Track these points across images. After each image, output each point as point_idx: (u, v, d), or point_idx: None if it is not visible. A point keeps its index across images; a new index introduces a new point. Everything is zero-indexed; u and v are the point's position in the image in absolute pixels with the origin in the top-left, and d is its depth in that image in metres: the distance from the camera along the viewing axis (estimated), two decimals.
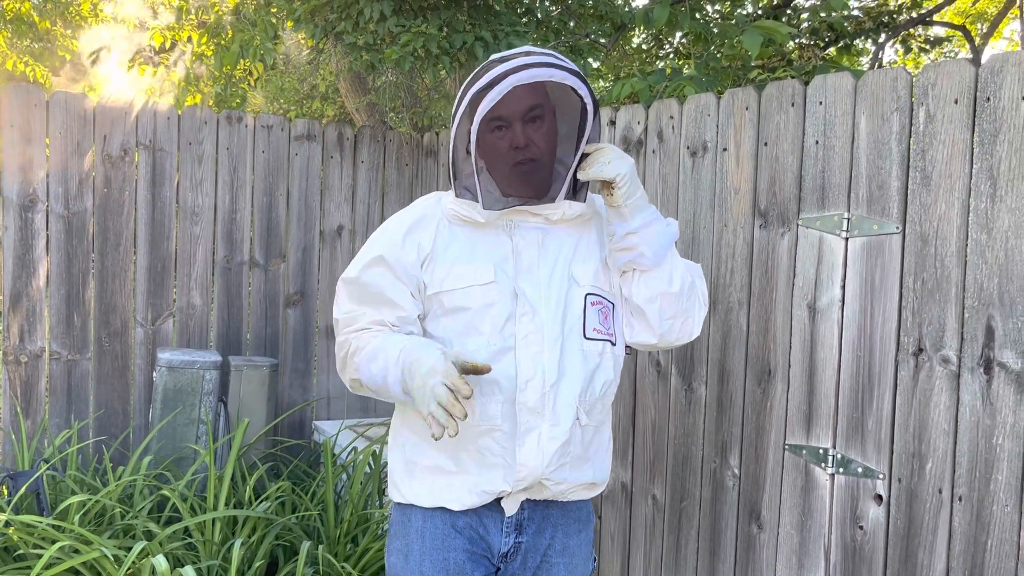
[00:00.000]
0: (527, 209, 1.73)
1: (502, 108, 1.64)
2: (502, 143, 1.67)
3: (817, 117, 2.09)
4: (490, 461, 1.69)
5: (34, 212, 3.38)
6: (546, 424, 1.68)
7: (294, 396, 3.88)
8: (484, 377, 1.65)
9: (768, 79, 4.20)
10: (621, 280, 1.79)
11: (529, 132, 1.67)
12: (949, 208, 1.83)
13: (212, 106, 6.77)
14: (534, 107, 1.66)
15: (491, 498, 1.71)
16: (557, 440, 1.68)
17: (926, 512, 1.87)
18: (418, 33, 3.61)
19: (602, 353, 1.75)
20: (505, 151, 1.67)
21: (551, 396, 1.68)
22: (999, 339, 1.74)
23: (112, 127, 3.51)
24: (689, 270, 1.80)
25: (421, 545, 1.74)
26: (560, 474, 1.70)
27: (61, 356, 3.45)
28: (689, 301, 1.78)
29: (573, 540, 1.82)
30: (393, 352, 1.63)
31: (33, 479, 2.87)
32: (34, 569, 2.30)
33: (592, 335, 1.73)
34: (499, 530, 1.75)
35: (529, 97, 1.65)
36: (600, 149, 1.71)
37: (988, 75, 1.76)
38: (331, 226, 3.95)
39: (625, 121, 2.65)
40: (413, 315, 1.74)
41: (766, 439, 2.22)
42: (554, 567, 1.79)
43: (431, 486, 1.73)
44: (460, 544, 1.73)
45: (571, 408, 1.69)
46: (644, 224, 1.72)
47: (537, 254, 1.74)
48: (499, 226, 1.75)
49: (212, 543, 2.77)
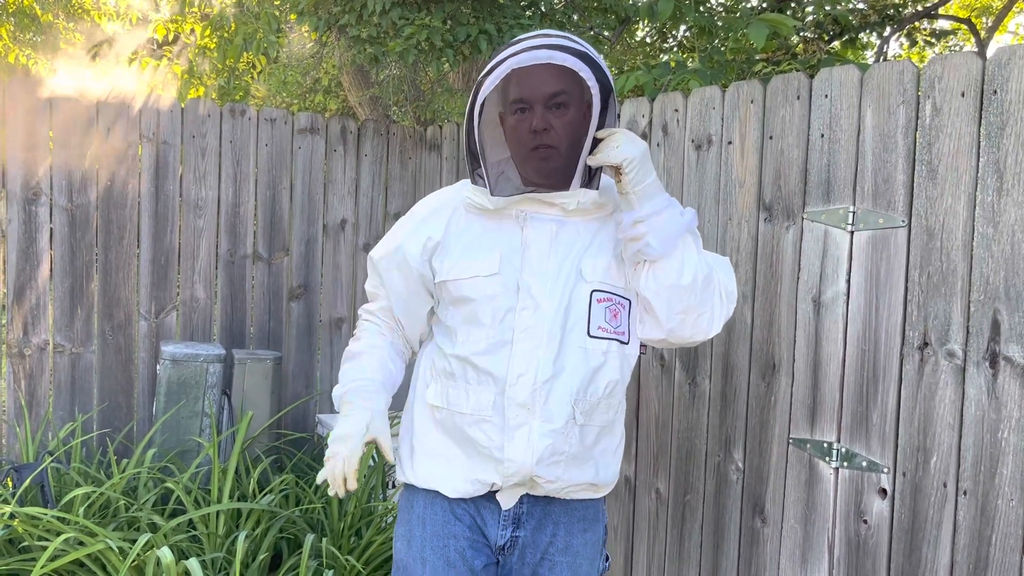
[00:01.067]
0: (539, 198, 1.69)
1: (525, 90, 1.62)
2: (523, 125, 1.64)
3: (823, 110, 2.08)
4: (481, 452, 1.70)
5: (37, 205, 3.39)
6: (537, 421, 1.66)
7: (298, 389, 3.89)
8: (479, 367, 1.69)
9: (773, 72, 4.19)
10: (633, 272, 1.72)
11: (550, 117, 1.62)
12: (955, 202, 1.82)
13: (215, 99, 6.76)
14: (558, 93, 1.61)
15: (485, 489, 1.71)
16: (548, 437, 1.66)
17: (931, 506, 1.87)
18: (422, 26, 3.61)
19: (607, 352, 1.70)
20: (524, 134, 1.64)
21: (543, 393, 1.66)
22: (1005, 333, 1.74)
23: (115, 120, 3.51)
24: (709, 263, 1.70)
25: (422, 532, 1.76)
26: (552, 472, 1.68)
27: (65, 349, 3.46)
28: (704, 295, 1.68)
29: (577, 539, 1.77)
30: (350, 378, 1.79)
31: (38, 471, 2.88)
32: (39, 561, 2.31)
33: (596, 333, 1.69)
34: (496, 523, 1.74)
35: (553, 82, 1.61)
36: (612, 134, 1.65)
37: (995, 68, 1.75)
38: (334, 219, 3.94)
39: (630, 114, 2.65)
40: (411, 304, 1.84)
41: (770, 433, 2.22)
42: (556, 566, 1.76)
43: (428, 470, 1.76)
44: (460, 531, 1.74)
45: (566, 407, 1.67)
46: (653, 212, 1.64)
47: (548, 247, 1.70)
48: (512, 217, 1.72)
49: (216, 536, 2.78)
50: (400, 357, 1.88)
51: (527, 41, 1.63)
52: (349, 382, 1.77)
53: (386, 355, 1.83)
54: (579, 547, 1.78)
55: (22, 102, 3.34)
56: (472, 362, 1.70)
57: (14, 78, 3.37)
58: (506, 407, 1.67)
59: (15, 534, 2.68)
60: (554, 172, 1.67)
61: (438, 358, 1.78)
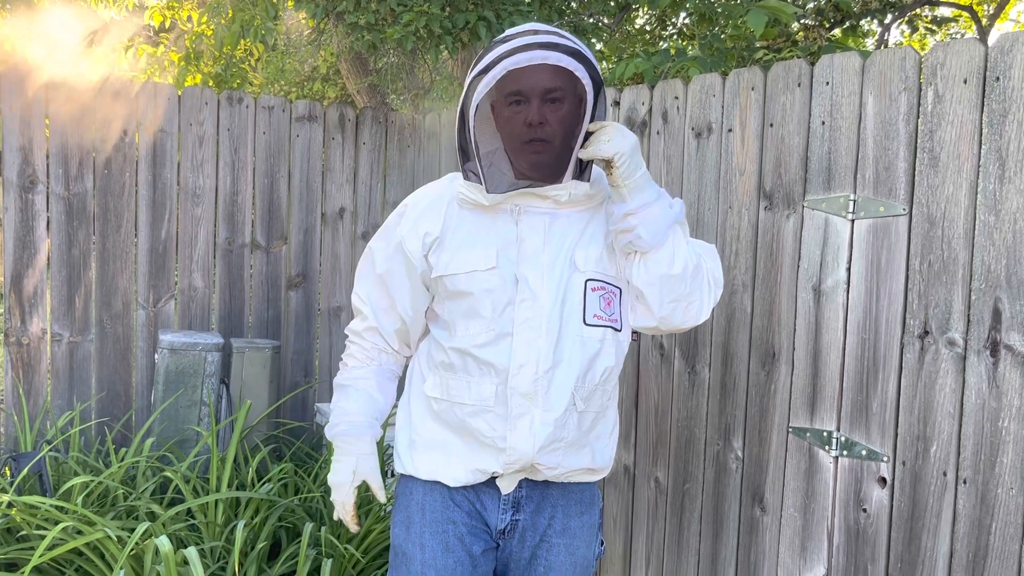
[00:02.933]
0: (533, 192, 1.71)
1: (522, 84, 1.63)
2: (518, 118, 1.65)
3: (824, 97, 2.06)
4: (483, 441, 1.73)
5: (34, 193, 3.37)
6: (539, 410, 1.69)
7: (296, 378, 3.88)
8: (480, 358, 1.71)
9: (774, 59, 4.16)
10: (625, 263, 1.75)
11: (546, 111, 1.64)
12: (957, 189, 1.81)
13: (212, 87, 6.73)
14: (555, 89, 1.63)
15: (485, 477, 1.75)
16: (550, 426, 1.69)
17: (930, 495, 1.87)
18: (420, 13, 3.58)
19: (603, 339, 1.73)
20: (519, 127, 1.65)
21: (544, 382, 1.69)
22: (1006, 321, 1.73)
23: (112, 108, 3.48)
24: (697, 252, 1.75)
25: (421, 518, 1.79)
26: (553, 459, 1.72)
27: (63, 338, 3.45)
28: (694, 284, 1.72)
29: (574, 521, 1.82)
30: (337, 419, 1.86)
31: (36, 460, 2.87)
32: (37, 550, 2.31)
33: (592, 321, 1.72)
34: (496, 507, 1.78)
35: (549, 78, 1.63)
36: (603, 127, 1.67)
37: (998, 55, 1.74)
38: (333, 208, 3.93)
39: (629, 102, 2.63)
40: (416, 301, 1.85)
41: (770, 422, 2.21)
42: (554, 547, 1.80)
43: (429, 460, 1.79)
44: (459, 518, 1.77)
45: (566, 395, 1.70)
46: (643, 204, 1.67)
47: (542, 240, 1.72)
48: (506, 210, 1.74)
49: (215, 524, 2.78)
50: (390, 379, 1.92)
51: (519, 39, 1.64)
52: (336, 423, 1.86)
53: (373, 385, 1.88)
54: (576, 529, 1.82)
55: (18, 89, 3.32)
56: (472, 354, 1.73)
57: (10, 65, 3.35)
58: (509, 397, 1.70)
59: (13, 523, 2.68)
60: (547, 165, 1.69)
61: (435, 351, 1.81)
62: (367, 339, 1.89)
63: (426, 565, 1.77)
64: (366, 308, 1.87)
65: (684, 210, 1.74)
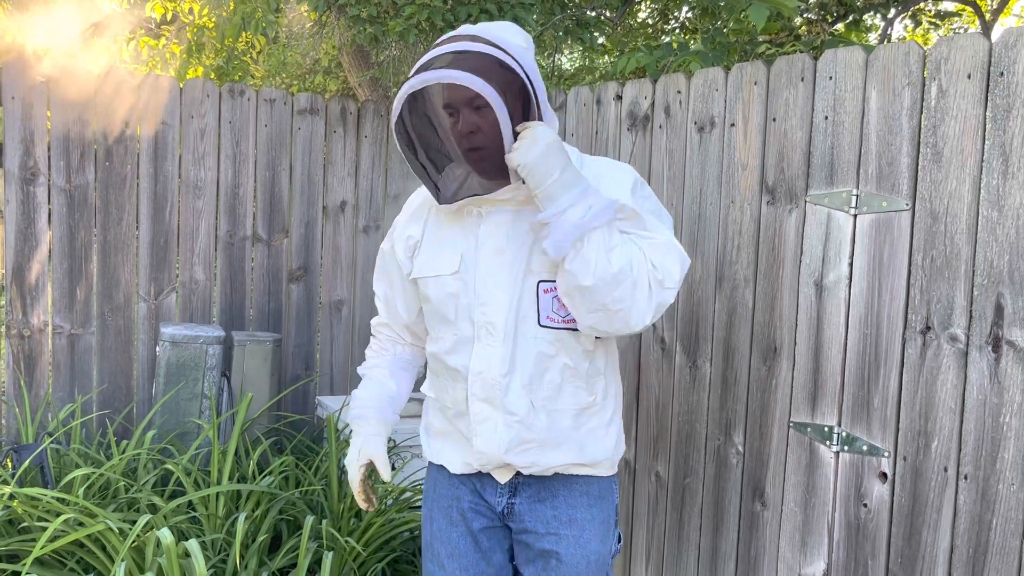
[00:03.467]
0: (486, 198, 1.69)
1: (446, 96, 1.62)
2: (454, 130, 1.65)
3: (827, 92, 2.06)
4: (466, 439, 1.82)
5: (36, 185, 3.37)
6: (500, 413, 1.74)
7: (297, 371, 3.88)
8: (448, 365, 1.79)
9: (776, 54, 4.15)
10: None
11: (475, 119, 1.61)
12: (960, 185, 1.81)
13: (214, 79, 6.72)
14: (476, 96, 1.59)
15: (473, 470, 1.84)
16: (513, 428, 1.73)
17: (931, 490, 1.87)
18: (422, 5, 3.57)
19: (558, 340, 1.73)
20: (457, 138, 1.65)
21: (502, 387, 1.72)
22: (1008, 317, 1.73)
23: (114, 100, 3.48)
24: (628, 256, 1.59)
25: (434, 494, 1.94)
26: (524, 458, 1.76)
27: (64, 330, 3.45)
28: (617, 293, 1.59)
29: (581, 513, 1.82)
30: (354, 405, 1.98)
31: (37, 452, 2.88)
32: (39, 542, 2.31)
33: (546, 323, 1.73)
34: (495, 491, 1.85)
35: (466, 88, 1.58)
36: (523, 132, 1.59)
37: (1002, 49, 1.73)
38: (334, 201, 3.92)
39: (632, 96, 2.62)
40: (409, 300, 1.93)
41: (771, 417, 2.21)
42: (563, 539, 1.81)
43: (437, 448, 1.92)
44: (463, 495, 1.88)
45: (523, 398, 1.73)
46: (556, 212, 1.57)
47: (504, 242, 1.72)
48: (472, 212, 1.75)
49: (216, 517, 2.78)
50: (404, 368, 2.02)
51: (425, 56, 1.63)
52: (352, 409, 1.98)
53: (385, 374, 1.99)
54: (585, 522, 1.82)
55: (19, 81, 3.31)
56: (443, 360, 1.81)
57: (11, 58, 3.34)
58: (470, 402, 1.76)
59: (15, 515, 2.69)
60: (492, 170, 1.66)
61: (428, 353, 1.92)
62: (382, 332, 2.02)
63: (434, 537, 1.92)
64: (380, 304, 1.99)
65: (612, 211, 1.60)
